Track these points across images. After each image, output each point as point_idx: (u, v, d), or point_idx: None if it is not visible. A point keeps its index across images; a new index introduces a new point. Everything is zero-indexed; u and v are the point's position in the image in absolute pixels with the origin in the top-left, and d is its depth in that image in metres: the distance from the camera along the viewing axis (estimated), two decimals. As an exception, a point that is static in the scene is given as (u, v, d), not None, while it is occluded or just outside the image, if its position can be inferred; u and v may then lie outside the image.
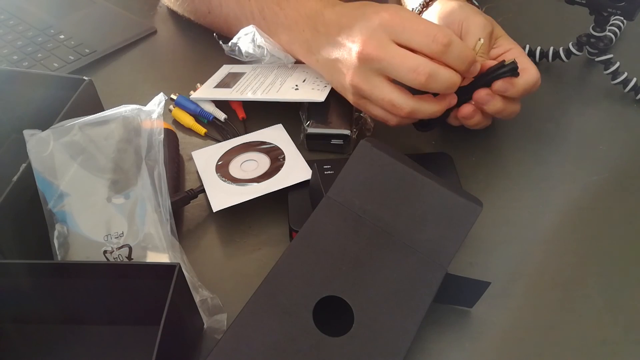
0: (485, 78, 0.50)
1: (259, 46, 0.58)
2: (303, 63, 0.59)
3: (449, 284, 0.40)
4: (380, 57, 0.47)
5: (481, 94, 0.50)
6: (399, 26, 0.47)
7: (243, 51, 0.59)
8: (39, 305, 0.41)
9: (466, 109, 0.51)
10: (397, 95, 0.48)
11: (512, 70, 0.48)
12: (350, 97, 0.53)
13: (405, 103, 0.48)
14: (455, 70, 0.47)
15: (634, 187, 0.53)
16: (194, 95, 0.61)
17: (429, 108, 0.49)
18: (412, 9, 0.60)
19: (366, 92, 0.50)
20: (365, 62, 0.48)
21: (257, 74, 0.61)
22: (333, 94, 0.56)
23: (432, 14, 0.58)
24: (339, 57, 0.51)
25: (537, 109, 0.61)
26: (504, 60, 0.49)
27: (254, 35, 0.58)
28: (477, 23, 0.53)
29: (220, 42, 0.62)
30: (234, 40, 0.60)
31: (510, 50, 0.54)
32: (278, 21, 0.57)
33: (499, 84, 0.49)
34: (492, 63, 0.50)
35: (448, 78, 0.47)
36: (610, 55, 0.60)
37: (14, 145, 0.53)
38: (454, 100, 0.50)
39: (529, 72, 0.51)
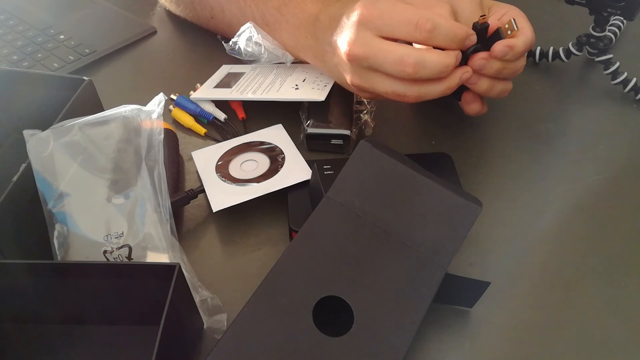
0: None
1: (256, 43, 0.58)
2: (302, 62, 0.59)
3: (449, 284, 0.40)
4: (366, 55, 0.47)
5: (476, 59, 0.48)
6: (378, 20, 0.46)
7: (242, 49, 0.59)
8: (39, 305, 0.41)
9: (479, 87, 0.49)
10: (399, 85, 0.47)
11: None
12: (361, 95, 0.53)
13: (410, 90, 0.47)
14: (448, 49, 0.46)
15: (634, 187, 0.53)
16: (193, 95, 0.61)
17: (435, 89, 0.48)
18: None
19: (369, 89, 0.49)
20: (355, 62, 0.48)
21: (256, 74, 0.61)
22: (333, 94, 0.56)
23: None
24: (336, 62, 0.51)
25: (537, 109, 0.61)
26: (499, 28, 0.48)
27: (250, 32, 0.58)
28: None
29: (223, 42, 0.62)
30: (235, 38, 0.60)
31: (506, 12, 0.52)
32: (281, 27, 0.57)
33: (497, 49, 0.47)
34: (496, 24, 0.48)
35: (438, 62, 0.45)
36: (610, 55, 0.60)
37: (14, 145, 0.53)
38: (458, 73, 0.48)
39: (525, 33, 0.49)
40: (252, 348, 0.36)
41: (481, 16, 0.47)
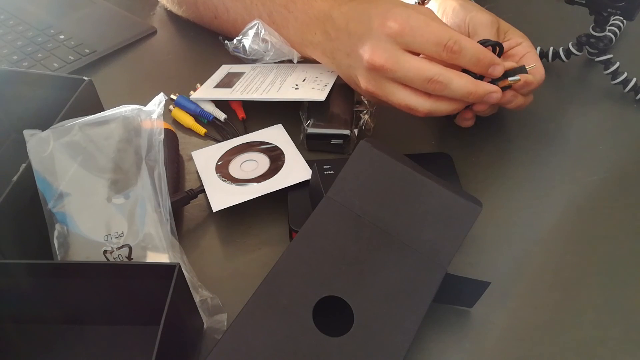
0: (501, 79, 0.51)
1: (263, 39, 0.58)
2: (305, 61, 0.59)
3: (449, 284, 0.40)
4: (393, 69, 0.47)
5: (507, 95, 0.51)
6: (409, 36, 0.47)
7: (247, 47, 0.59)
8: (39, 305, 0.41)
9: (479, 107, 0.52)
10: (413, 99, 0.49)
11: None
12: (368, 98, 0.55)
13: (422, 105, 0.49)
14: (471, 70, 0.48)
15: (634, 187, 0.53)
16: (193, 95, 0.61)
17: (446, 107, 0.49)
18: None
19: (382, 98, 0.50)
20: (377, 72, 0.49)
21: (256, 74, 0.61)
22: (333, 94, 0.56)
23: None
24: (351, 64, 0.51)
25: (537, 109, 0.61)
26: (523, 66, 0.51)
27: (257, 28, 0.58)
28: (483, 22, 0.53)
29: (226, 42, 0.62)
30: (239, 36, 0.60)
31: (521, 44, 0.55)
32: (288, 25, 0.57)
33: (519, 86, 0.51)
34: (511, 65, 0.51)
35: (464, 87, 0.47)
36: (610, 55, 0.60)
37: (14, 145, 0.53)
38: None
39: (539, 71, 0.53)
40: (252, 348, 0.36)
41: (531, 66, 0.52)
